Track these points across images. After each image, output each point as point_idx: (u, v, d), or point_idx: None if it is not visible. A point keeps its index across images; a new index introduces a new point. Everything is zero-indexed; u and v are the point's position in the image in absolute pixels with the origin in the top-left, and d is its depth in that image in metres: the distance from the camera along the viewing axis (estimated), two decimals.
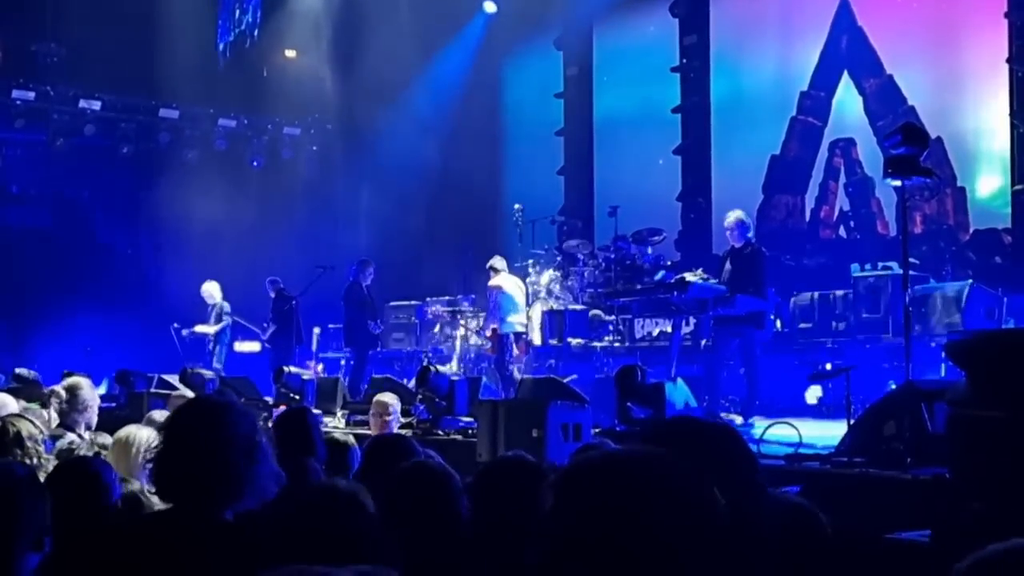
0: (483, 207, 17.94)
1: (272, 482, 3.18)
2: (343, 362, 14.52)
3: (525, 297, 12.81)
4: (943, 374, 9.91)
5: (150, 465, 3.00)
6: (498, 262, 12.66)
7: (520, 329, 12.49)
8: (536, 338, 13.06)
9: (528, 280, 13.47)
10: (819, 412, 9.92)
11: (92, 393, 6.52)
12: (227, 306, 15.65)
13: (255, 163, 19.12)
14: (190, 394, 9.84)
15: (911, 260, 7.45)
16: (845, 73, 14.54)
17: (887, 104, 13.83)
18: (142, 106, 17.95)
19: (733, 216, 10.39)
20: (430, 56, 18.68)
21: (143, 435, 4.55)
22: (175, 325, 15.84)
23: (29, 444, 4.29)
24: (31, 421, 4.48)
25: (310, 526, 3.20)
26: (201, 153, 18.52)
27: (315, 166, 19.66)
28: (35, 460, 4.25)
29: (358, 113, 18.76)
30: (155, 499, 3.28)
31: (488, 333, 12.49)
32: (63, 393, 6.54)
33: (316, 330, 16.00)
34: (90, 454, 4.56)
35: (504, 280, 12.53)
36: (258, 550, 2.75)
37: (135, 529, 2.97)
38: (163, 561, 2.75)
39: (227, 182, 17.81)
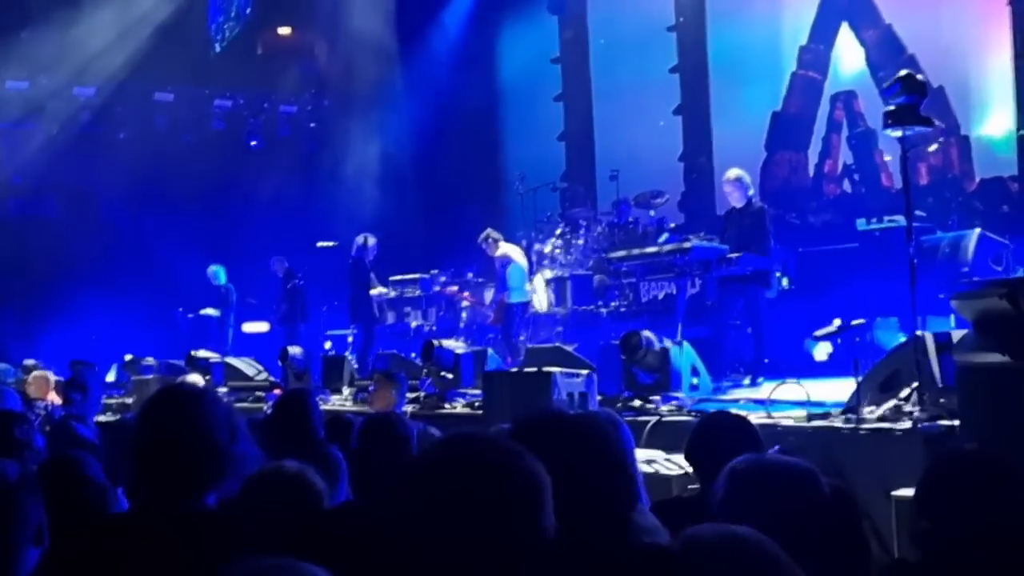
0: (484, 176, 17.84)
1: (252, 463, 3.15)
2: (350, 339, 14.47)
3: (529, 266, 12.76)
4: (952, 325, 9.82)
5: None
6: (495, 233, 12.59)
7: (528, 299, 12.43)
8: (541, 305, 12.99)
9: (532, 248, 13.39)
10: (829, 369, 9.83)
11: None
12: (233, 289, 15.62)
13: (253, 143, 19.02)
14: (197, 376, 9.84)
15: (917, 212, 7.35)
16: (844, 25, 14.36)
17: (887, 54, 13.66)
18: (136, 90, 17.82)
19: (732, 175, 10.27)
20: (425, 27, 18.53)
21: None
22: (180, 309, 15.83)
23: None
24: None
25: (256, 508, 3.17)
26: (198, 135, 18.42)
27: (314, 143, 19.55)
28: None
29: (355, 88, 18.63)
30: None
31: (496, 305, 12.43)
32: None
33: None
34: None
35: (510, 250, 12.46)
36: (239, 537, 2.72)
37: (127, 522, 2.92)
38: (158, 553, 2.70)
39: (226, 163, 17.73)
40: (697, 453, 3.88)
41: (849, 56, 14.34)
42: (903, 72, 6.62)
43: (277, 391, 10.01)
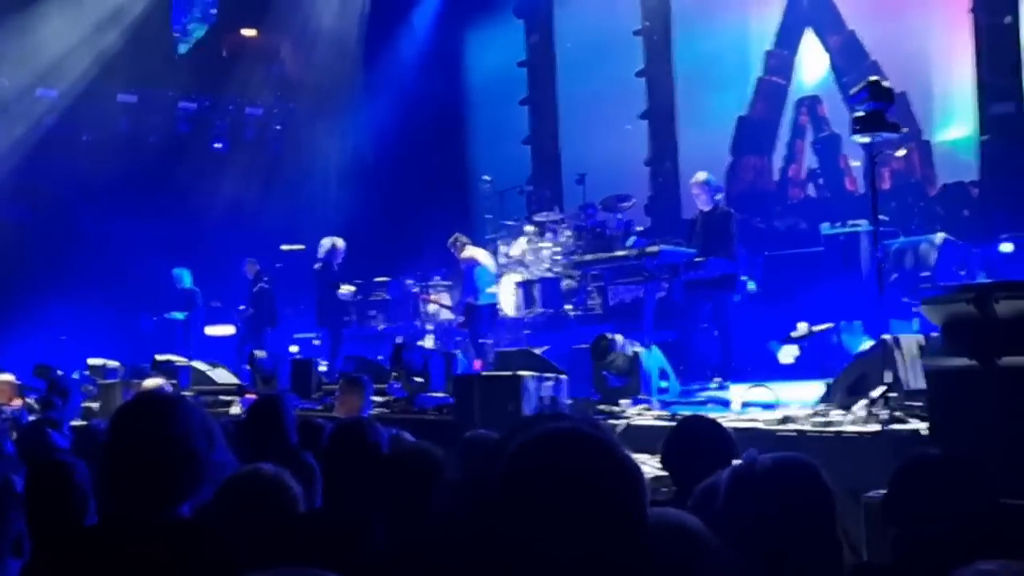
0: (451, 179, 17.84)
1: (227, 469, 3.14)
2: (316, 342, 14.42)
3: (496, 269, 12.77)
4: (916, 329, 9.94)
5: None
6: (463, 237, 12.60)
7: (495, 301, 12.44)
8: (509, 309, 13.01)
9: (499, 251, 13.40)
10: (795, 372, 9.91)
11: None
12: (198, 292, 15.52)
13: (218, 145, 18.89)
14: (161, 381, 9.75)
15: (881, 217, 7.44)
16: (809, 31, 14.49)
17: (851, 60, 13.81)
18: (100, 92, 17.65)
19: (699, 178, 10.36)
20: (391, 30, 18.50)
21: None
22: (144, 312, 15.70)
23: None
24: None
25: (235, 512, 3.15)
26: (162, 137, 18.26)
27: (279, 146, 19.45)
28: None
29: (321, 91, 18.57)
30: None
31: (464, 308, 12.41)
32: None
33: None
34: None
35: (477, 253, 12.46)
36: (219, 546, 2.70)
37: (106, 532, 2.89)
38: (139, 565, 2.68)
39: (191, 165, 17.60)
40: (672, 457, 3.91)
41: (813, 62, 14.47)
42: (871, 79, 6.71)
43: (250, 396, 9.94)
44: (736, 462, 2.77)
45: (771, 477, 2.52)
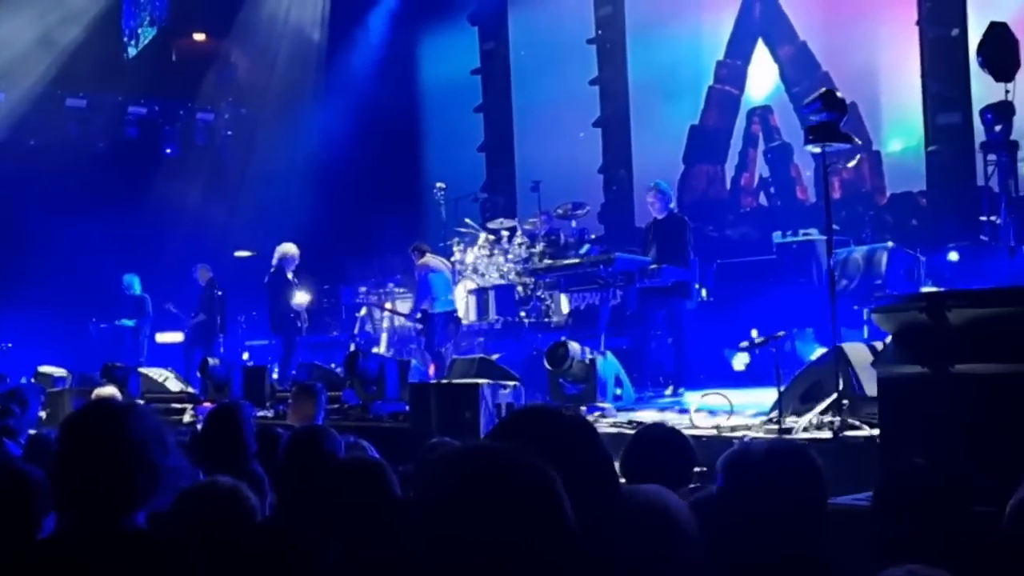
0: (405, 186, 17.80)
1: (184, 477, 3.10)
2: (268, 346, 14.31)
3: (452, 276, 12.75)
4: (866, 336, 10.07)
5: None
6: (423, 245, 12.59)
7: (452, 309, 12.40)
8: (463, 316, 12.99)
9: (453, 258, 13.38)
10: (748, 379, 10.00)
11: None
12: (148, 298, 15.35)
13: (168, 150, 18.71)
14: (112, 389, 9.63)
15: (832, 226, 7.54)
16: (760, 41, 14.65)
17: (802, 70, 13.98)
18: (48, 96, 17.41)
19: (654, 187, 10.45)
20: (345, 35, 18.45)
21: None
22: (93, 319, 15.50)
23: None
24: None
25: (191, 524, 3.13)
26: (112, 142, 18.05)
27: (231, 151, 19.29)
28: None
29: (273, 97, 18.46)
30: None
31: (418, 315, 12.38)
32: None
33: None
34: None
35: (433, 260, 12.43)
36: (175, 557, 2.68)
37: (61, 543, 2.84)
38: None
39: (141, 171, 17.42)
40: (632, 464, 3.93)
41: (765, 72, 14.63)
42: (824, 90, 6.79)
43: (207, 404, 9.84)
44: (698, 469, 2.81)
45: (767, 458, 2.61)
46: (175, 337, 16.34)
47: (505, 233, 13.44)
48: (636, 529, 2.16)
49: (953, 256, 10.89)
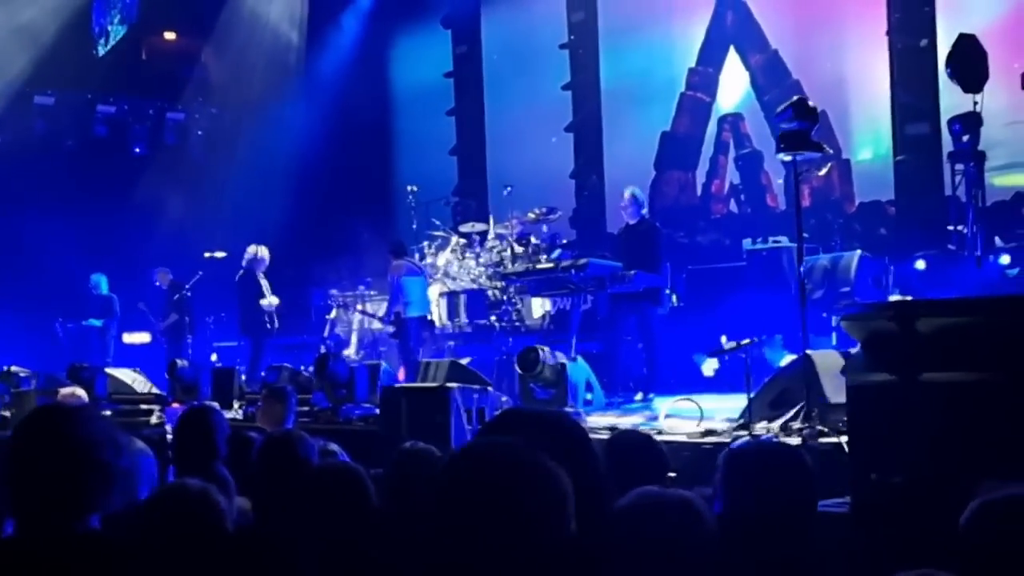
0: (377, 188, 17.77)
1: (142, 478, 3.09)
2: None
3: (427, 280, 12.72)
4: (834, 343, 10.15)
5: None
6: (400, 245, 12.52)
7: (424, 313, 12.32)
8: (434, 319, 12.97)
9: (425, 262, 13.36)
10: (717, 385, 10.06)
11: None
12: (115, 298, 15.23)
13: (137, 149, 18.56)
14: (79, 390, 9.54)
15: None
16: (732, 48, 14.74)
17: (773, 78, 14.08)
18: (15, 93, 17.23)
19: (628, 192, 10.49)
20: (317, 37, 18.39)
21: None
22: (60, 319, 15.36)
23: None
24: None
25: (161, 527, 3.11)
26: (80, 140, 17.90)
27: (201, 151, 19.17)
28: None
29: (244, 96, 18.36)
30: None
31: (392, 318, 12.31)
32: None
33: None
34: None
35: (408, 264, 12.32)
36: (130, 559, 2.67)
37: (13, 547, 2.81)
38: None
39: (109, 169, 17.27)
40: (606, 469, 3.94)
41: (737, 79, 14.72)
42: (796, 98, 6.84)
43: (176, 406, 9.78)
44: (671, 475, 2.83)
45: (761, 456, 2.69)
46: (143, 338, 16.23)
47: (477, 237, 13.44)
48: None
49: (920, 264, 10.99)
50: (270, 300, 12.92)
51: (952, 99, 11.05)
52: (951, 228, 11.18)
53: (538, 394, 8.39)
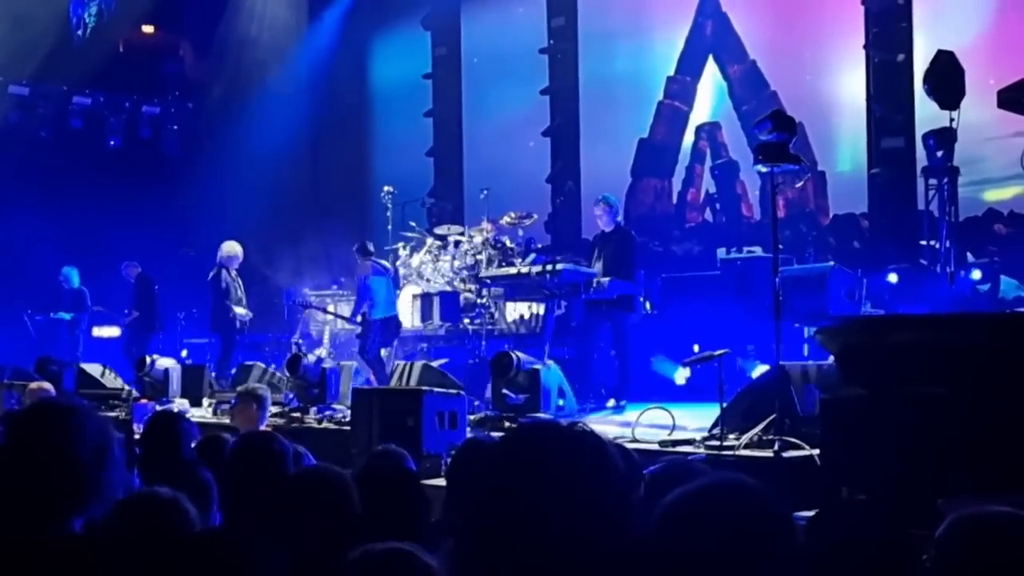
0: (352, 188, 17.71)
1: (120, 487, 3.05)
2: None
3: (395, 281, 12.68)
4: (806, 354, 10.20)
5: None
6: (367, 244, 12.46)
7: (390, 314, 12.30)
8: (407, 322, 12.93)
9: (398, 263, 13.33)
10: (689, 394, 10.07)
11: None
12: (86, 292, 15.09)
13: (112, 142, 18.43)
14: (46, 384, 9.45)
15: None
16: (710, 58, 14.79)
17: (751, 89, 14.15)
18: None
19: (602, 200, 10.51)
20: (295, 35, 18.32)
21: None
22: (29, 311, 15.22)
23: None
24: None
25: (129, 535, 3.08)
26: (55, 132, 17.75)
27: (176, 146, 19.06)
28: None
29: (220, 92, 18.27)
30: None
31: (358, 319, 12.28)
32: None
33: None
34: None
35: (376, 264, 12.33)
36: (107, 564, 2.64)
37: None
38: None
39: (83, 162, 17.13)
40: None
41: (714, 89, 14.78)
42: (775, 110, 6.87)
43: (144, 402, 9.70)
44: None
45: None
46: (112, 332, 16.10)
47: (452, 239, 13.41)
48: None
49: (892, 278, 11.05)
50: (240, 311, 12.79)
51: (927, 113, 11.12)
52: (924, 243, 11.26)
53: (510, 399, 8.37)
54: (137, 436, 5.19)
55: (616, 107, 15.63)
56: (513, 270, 10.93)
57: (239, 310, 12.69)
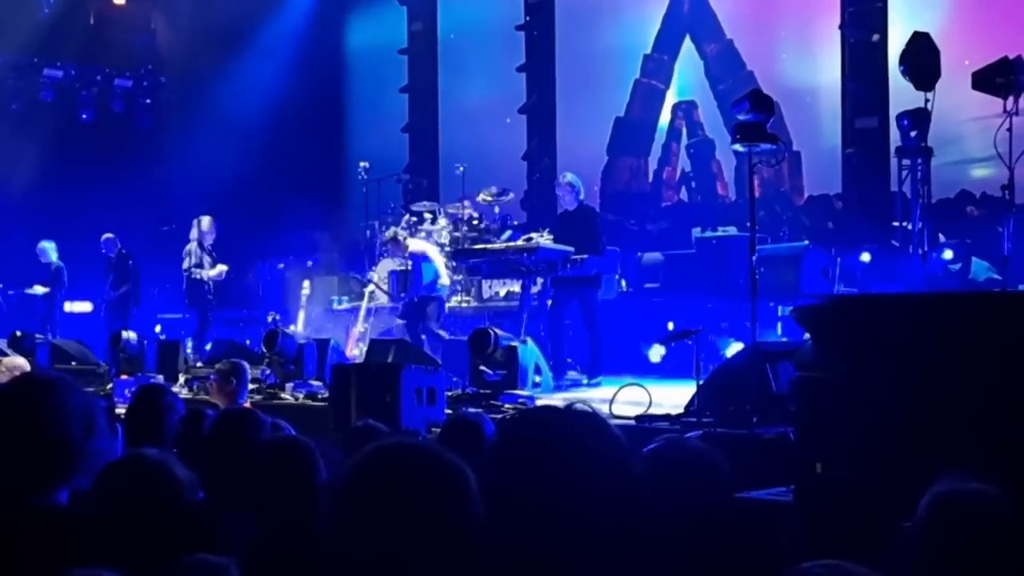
0: (327, 163, 17.64)
1: (107, 457, 3.07)
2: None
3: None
4: (779, 333, 10.30)
5: None
6: (401, 232, 11.99)
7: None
8: (382, 298, 12.91)
9: (375, 239, 13.30)
10: (665, 371, 10.14)
11: None
12: (63, 268, 14.94)
13: (84, 116, 18.24)
14: (20, 360, 9.40)
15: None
16: (687, 37, 14.81)
17: (727, 68, 14.19)
18: None
19: (565, 179, 10.57)
20: (269, 8, 18.16)
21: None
22: (1, 286, 15.09)
23: None
24: None
25: (115, 499, 3.09)
26: (25, 105, 17.55)
27: (148, 120, 18.89)
28: None
29: (193, 65, 18.11)
30: None
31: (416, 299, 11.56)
32: None
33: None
34: None
35: (423, 245, 11.77)
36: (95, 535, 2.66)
37: None
38: (3, 552, 2.61)
39: (55, 136, 16.96)
40: None
41: (691, 67, 14.80)
42: (753, 89, 6.91)
43: (124, 377, 9.67)
44: None
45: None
46: (85, 307, 16.00)
47: (428, 216, 13.40)
48: None
49: (865, 257, 11.14)
50: (217, 270, 12.70)
51: (902, 93, 11.19)
52: (896, 224, 11.36)
53: (488, 376, 8.41)
54: (119, 412, 5.18)
55: (593, 85, 15.62)
56: (489, 247, 10.93)
57: (210, 272, 12.61)
